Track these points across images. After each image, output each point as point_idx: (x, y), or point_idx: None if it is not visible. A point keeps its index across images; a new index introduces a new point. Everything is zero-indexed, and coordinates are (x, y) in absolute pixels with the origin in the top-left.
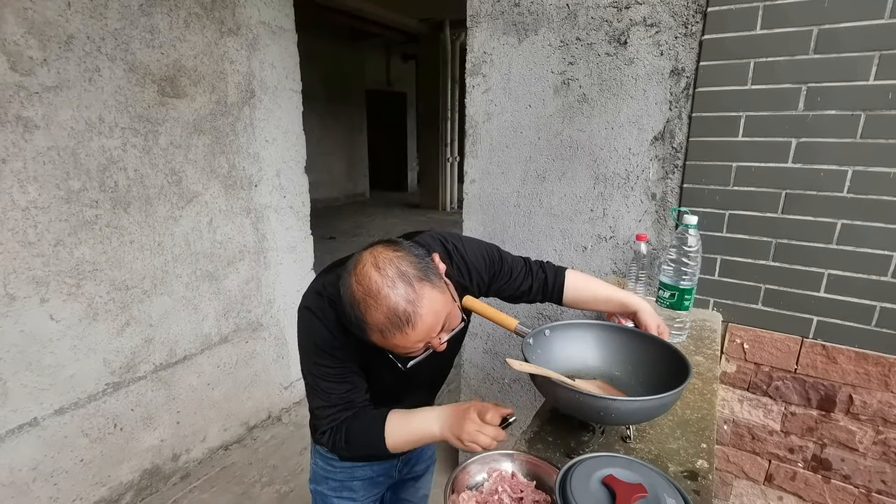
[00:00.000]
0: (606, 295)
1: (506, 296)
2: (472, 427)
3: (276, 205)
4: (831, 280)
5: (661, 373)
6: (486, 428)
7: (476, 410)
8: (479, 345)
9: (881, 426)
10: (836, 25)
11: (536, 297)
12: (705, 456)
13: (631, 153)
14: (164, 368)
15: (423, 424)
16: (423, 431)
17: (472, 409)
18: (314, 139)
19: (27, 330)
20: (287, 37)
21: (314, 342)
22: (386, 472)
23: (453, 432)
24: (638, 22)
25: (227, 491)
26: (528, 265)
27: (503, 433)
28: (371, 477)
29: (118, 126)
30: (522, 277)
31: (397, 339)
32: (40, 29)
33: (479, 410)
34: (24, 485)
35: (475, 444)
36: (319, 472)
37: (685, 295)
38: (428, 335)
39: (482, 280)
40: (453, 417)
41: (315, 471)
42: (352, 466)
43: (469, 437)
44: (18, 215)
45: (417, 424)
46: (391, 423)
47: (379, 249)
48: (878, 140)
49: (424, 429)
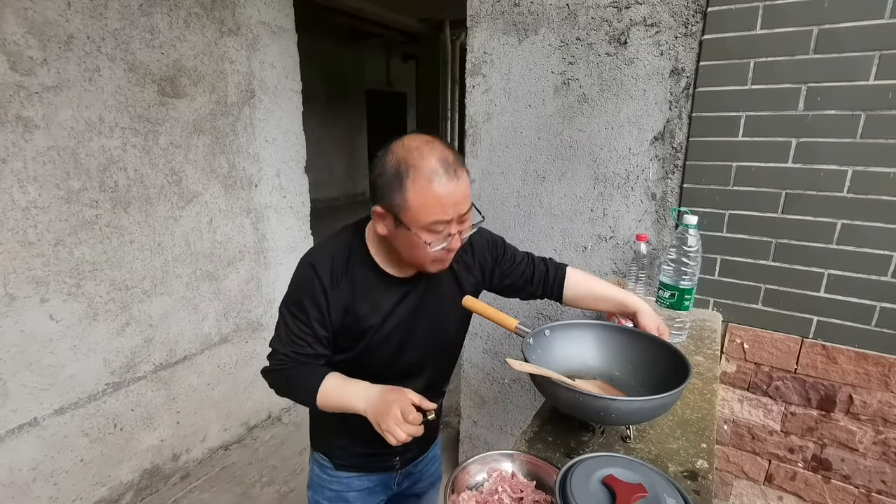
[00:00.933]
0: (606, 293)
1: (508, 283)
2: (392, 420)
3: (276, 205)
4: (831, 280)
5: (662, 373)
6: (404, 425)
7: (400, 408)
8: (479, 345)
9: (881, 426)
10: (836, 25)
11: (537, 290)
12: (705, 456)
13: (631, 153)
14: (164, 368)
15: (352, 397)
16: (350, 404)
17: (397, 406)
18: (314, 139)
19: (27, 330)
20: (287, 37)
21: (304, 294)
22: (384, 483)
23: (375, 417)
24: (638, 22)
25: (227, 491)
26: (530, 256)
27: (419, 430)
28: (368, 487)
29: (118, 126)
30: (525, 265)
31: (443, 186)
32: (40, 29)
33: (402, 409)
34: (24, 485)
35: (390, 435)
36: (316, 479)
37: (685, 295)
38: (461, 205)
39: (485, 259)
40: (380, 404)
41: (312, 478)
42: (348, 476)
43: (387, 428)
44: (18, 215)
45: (347, 395)
46: (328, 383)
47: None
48: (879, 140)
49: (352, 402)
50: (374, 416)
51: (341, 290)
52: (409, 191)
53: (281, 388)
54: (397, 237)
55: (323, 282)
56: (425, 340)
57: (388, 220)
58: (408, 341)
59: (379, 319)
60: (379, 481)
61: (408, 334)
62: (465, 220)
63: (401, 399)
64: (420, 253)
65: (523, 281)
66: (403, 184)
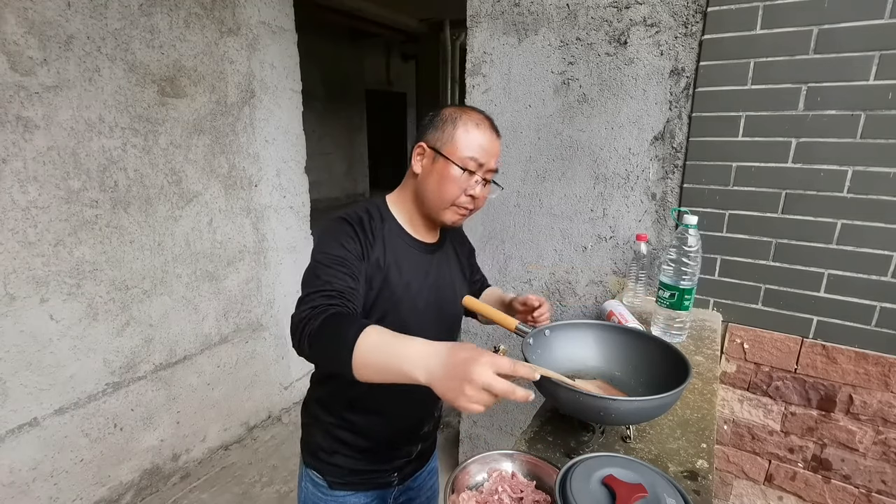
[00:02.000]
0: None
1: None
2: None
3: (276, 205)
4: (831, 280)
5: (662, 373)
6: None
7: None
8: (479, 345)
9: (881, 426)
10: (836, 25)
11: (475, 286)
12: (705, 456)
13: (631, 153)
14: (164, 368)
15: (406, 361)
16: (402, 369)
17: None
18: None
19: (27, 330)
20: (287, 37)
21: (339, 236)
22: (381, 499)
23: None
24: (638, 22)
25: (227, 491)
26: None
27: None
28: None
29: (118, 126)
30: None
31: (485, 134)
32: (40, 29)
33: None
34: (24, 485)
35: (474, 406)
36: (310, 497)
37: (685, 295)
38: (493, 159)
39: (467, 257)
40: (451, 370)
41: (305, 495)
42: (343, 495)
43: (467, 402)
44: (18, 215)
45: (399, 356)
46: (369, 338)
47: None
48: (879, 140)
49: (405, 367)
50: (443, 389)
51: (376, 245)
52: (457, 129)
53: (311, 343)
54: (431, 173)
55: (358, 230)
56: (443, 310)
57: (428, 155)
58: (435, 307)
59: (409, 281)
60: (376, 497)
61: (434, 300)
62: (489, 178)
63: (479, 362)
64: (449, 188)
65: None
66: (455, 124)
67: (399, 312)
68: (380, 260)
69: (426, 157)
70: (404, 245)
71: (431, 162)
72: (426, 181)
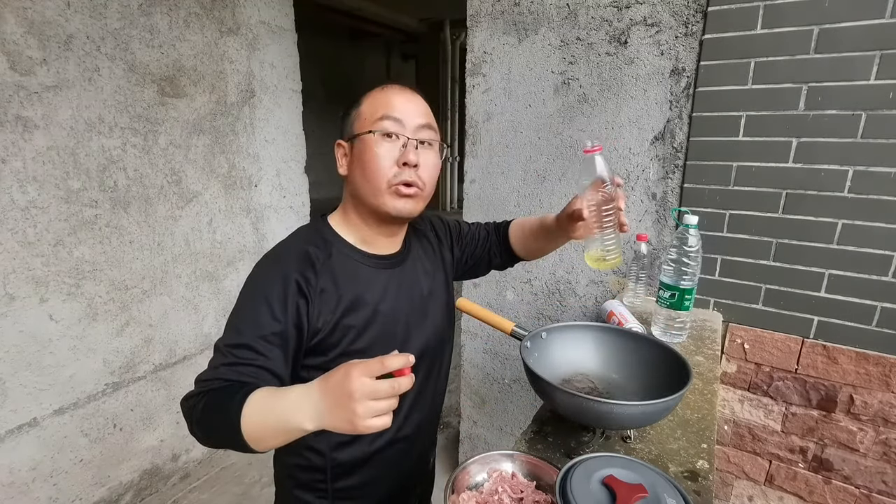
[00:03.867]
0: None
1: (471, 252)
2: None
3: (276, 205)
4: (832, 280)
5: (661, 375)
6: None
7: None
8: (479, 345)
9: (882, 426)
10: (836, 25)
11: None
12: (706, 456)
13: (631, 153)
14: (164, 368)
15: (288, 413)
16: (289, 423)
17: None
18: (314, 139)
19: (27, 330)
20: (287, 36)
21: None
22: None
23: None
24: (638, 22)
25: (226, 491)
26: (478, 224)
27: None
28: None
29: (118, 126)
30: (476, 228)
31: (394, 92)
32: (40, 29)
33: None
34: (23, 485)
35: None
36: None
37: (685, 295)
38: (415, 115)
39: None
40: (331, 402)
41: None
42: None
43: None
44: (18, 215)
45: (282, 410)
46: (252, 404)
47: None
48: (879, 140)
49: (290, 419)
50: (335, 422)
51: (321, 297)
52: (362, 105)
53: (197, 421)
54: (354, 164)
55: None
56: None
57: (346, 148)
58: (408, 325)
59: (377, 307)
60: None
61: (405, 317)
62: (422, 137)
63: (351, 376)
64: (375, 165)
65: (480, 239)
66: (360, 102)
67: (382, 342)
68: (332, 305)
69: (344, 150)
70: (361, 267)
71: (350, 151)
72: (353, 175)
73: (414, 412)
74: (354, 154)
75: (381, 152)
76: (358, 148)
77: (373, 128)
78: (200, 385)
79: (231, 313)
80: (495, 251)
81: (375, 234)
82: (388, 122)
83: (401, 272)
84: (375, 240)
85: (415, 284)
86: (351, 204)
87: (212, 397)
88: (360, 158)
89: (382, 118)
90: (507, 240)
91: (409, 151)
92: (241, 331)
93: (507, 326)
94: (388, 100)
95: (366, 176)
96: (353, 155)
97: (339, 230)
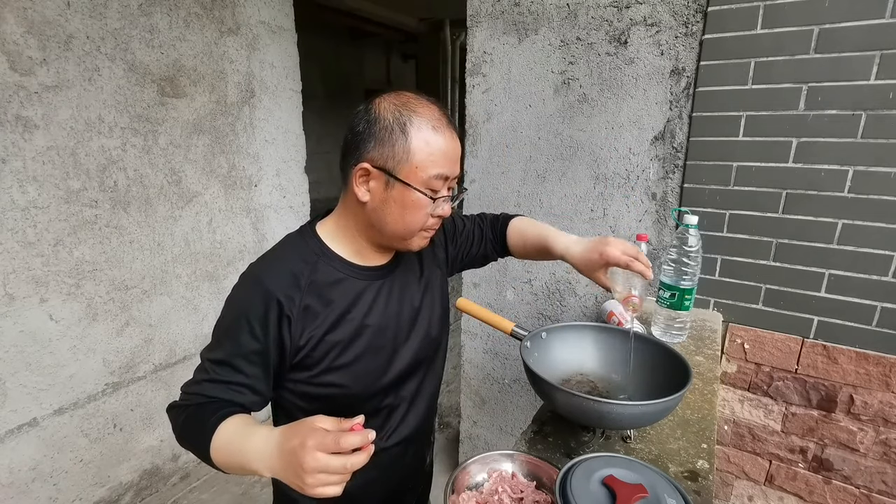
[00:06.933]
0: (538, 234)
1: (466, 251)
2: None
3: (276, 205)
4: (832, 280)
5: (661, 376)
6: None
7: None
8: (479, 345)
9: (882, 426)
10: (836, 25)
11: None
12: (706, 456)
13: (631, 153)
14: (164, 368)
15: (247, 453)
16: (248, 463)
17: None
18: (314, 138)
19: (27, 330)
20: (287, 36)
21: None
22: None
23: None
24: (638, 21)
25: (226, 491)
26: (473, 217)
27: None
28: None
29: (118, 126)
30: (472, 225)
31: (447, 138)
32: (40, 29)
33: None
34: (23, 485)
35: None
36: None
37: (685, 295)
38: (457, 165)
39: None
40: (283, 460)
41: None
42: None
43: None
44: (18, 215)
45: (241, 449)
46: (223, 433)
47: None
48: (879, 140)
49: (248, 461)
50: (287, 480)
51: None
52: (411, 138)
53: (178, 434)
54: (387, 202)
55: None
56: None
57: (378, 179)
58: (396, 337)
59: (365, 319)
60: None
61: (394, 328)
62: (452, 186)
63: (306, 447)
64: (417, 216)
65: (474, 237)
66: (406, 131)
67: (369, 355)
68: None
69: (374, 179)
70: (349, 280)
71: (384, 187)
72: (382, 212)
73: (410, 415)
74: (391, 194)
75: (427, 209)
76: (398, 192)
77: (428, 186)
78: (183, 397)
79: (216, 323)
80: (491, 249)
81: (372, 250)
82: (441, 182)
83: (391, 281)
84: (369, 253)
85: (405, 293)
86: (359, 225)
87: (190, 414)
88: (398, 203)
89: (438, 177)
90: (505, 240)
91: (447, 206)
92: (223, 346)
93: (507, 326)
94: (445, 151)
95: (401, 223)
96: (388, 194)
97: (330, 241)
